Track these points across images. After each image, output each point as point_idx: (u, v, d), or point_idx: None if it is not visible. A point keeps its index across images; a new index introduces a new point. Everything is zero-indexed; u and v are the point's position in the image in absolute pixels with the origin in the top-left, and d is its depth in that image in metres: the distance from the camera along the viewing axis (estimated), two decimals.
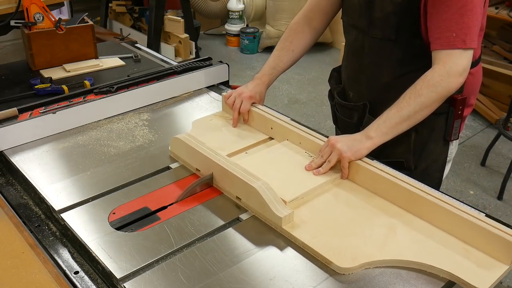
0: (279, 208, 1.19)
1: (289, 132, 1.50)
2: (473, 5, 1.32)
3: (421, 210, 1.21)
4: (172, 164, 1.44)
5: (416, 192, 1.22)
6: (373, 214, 1.24)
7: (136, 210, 1.25)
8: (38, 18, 1.98)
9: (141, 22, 4.88)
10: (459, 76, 1.35)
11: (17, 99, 1.79)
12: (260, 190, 1.20)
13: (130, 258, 1.09)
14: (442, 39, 1.35)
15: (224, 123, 1.63)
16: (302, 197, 1.28)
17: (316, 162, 1.37)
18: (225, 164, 1.29)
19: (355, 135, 1.38)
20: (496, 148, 3.52)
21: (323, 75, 4.78)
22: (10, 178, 1.42)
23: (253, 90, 1.62)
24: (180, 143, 1.42)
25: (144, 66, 2.12)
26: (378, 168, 1.30)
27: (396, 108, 1.36)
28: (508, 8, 3.80)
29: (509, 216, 2.98)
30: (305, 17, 1.70)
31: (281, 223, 1.17)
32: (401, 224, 1.20)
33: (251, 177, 1.24)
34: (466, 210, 1.16)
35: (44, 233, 1.21)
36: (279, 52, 1.70)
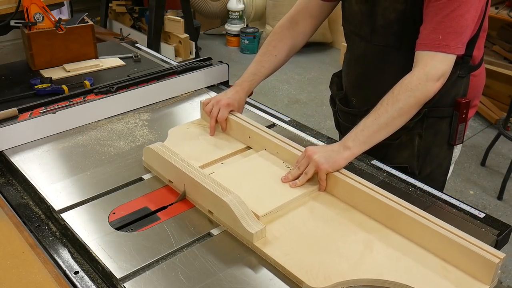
0: (251, 223, 1.13)
1: (267, 141, 1.44)
2: (465, 11, 1.29)
3: (399, 225, 1.16)
4: (145, 175, 1.40)
5: (394, 206, 1.16)
6: (349, 229, 1.18)
7: (136, 210, 1.25)
8: (38, 18, 1.98)
9: (141, 22, 4.88)
10: (437, 80, 1.32)
11: (17, 99, 1.79)
12: (231, 204, 1.14)
13: (130, 258, 1.09)
14: (427, 40, 1.32)
15: (202, 131, 1.57)
16: (276, 211, 1.22)
17: (292, 173, 1.31)
18: (196, 177, 1.23)
19: (332, 145, 1.34)
20: (496, 148, 3.52)
21: (323, 75, 4.78)
22: (10, 178, 1.42)
23: (231, 97, 1.56)
24: (152, 154, 1.37)
25: (144, 66, 2.12)
26: (356, 181, 1.25)
27: (373, 116, 1.32)
28: (508, 8, 3.80)
29: (509, 216, 2.98)
30: (291, 20, 1.64)
31: (253, 239, 1.11)
32: (377, 240, 1.14)
33: (223, 191, 1.18)
34: (444, 226, 1.10)
35: (44, 233, 1.21)
36: (261, 57, 1.63)
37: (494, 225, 1.23)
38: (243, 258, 1.11)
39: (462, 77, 1.47)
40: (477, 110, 3.88)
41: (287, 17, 1.65)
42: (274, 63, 1.63)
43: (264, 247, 1.11)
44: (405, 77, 1.33)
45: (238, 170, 1.38)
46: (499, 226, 1.22)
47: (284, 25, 1.64)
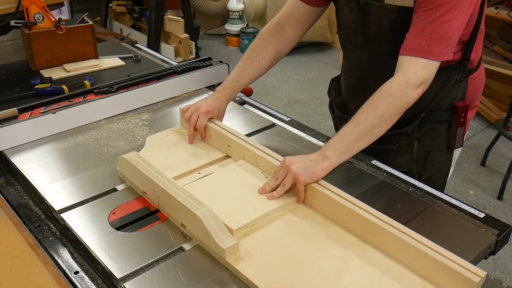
0: (223, 238, 1.08)
1: (246, 150, 1.39)
2: (451, 17, 1.26)
3: (378, 240, 1.12)
4: (119, 186, 1.35)
5: (373, 220, 1.12)
6: (326, 244, 1.13)
7: (136, 210, 1.25)
8: (38, 18, 1.98)
9: (141, 22, 4.88)
10: (417, 87, 1.28)
11: (17, 99, 1.79)
12: (203, 218, 1.09)
13: (130, 258, 1.09)
14: (410, 45, 1.29)
15: (180, 139, 1.52)
16: (251, 224, 1.17)
17: (270, 185, 1.27)
18: (169, 189, 1.18)
19: (311, 155, 1.29)
20: (496, 148, 3.52)
21: (323, 75, 4.78)
22: (10, 178, 1.42)
23: (211, 104, 1.51)
24: (126, 164, 1.32)
25: (144, 66, 2.12)
26: (334, 193, 1.20)
27: (353, 124, 1.28)
28: (508, 8, 3.80)
29: (509, 216, 2.98)
30: (277, 26, 1.59)
31: (225, 255, 1.07)
32: (355, 256, 1.10)
33: (195, 204, 1.13)
34: (425, 242, 1.05)
35: (44, 233, 1.21)
36: (244, 63, 1.58)
37: (494, 225, 1.23)
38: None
39: (460, 81, 1.46)
40: (477, 110, 3.90)
41: (273, 22, 1.60)
42: (257, 70, 1.58)
43: (236, 264, 1.06)
44: (385, 83, 1.30)
45: (214, 180, 1.33)
46: (499, 226, 1.22)
47: (270, 31, 1.59)
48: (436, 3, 1.26)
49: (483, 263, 2.64)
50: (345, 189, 1.35)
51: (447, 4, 1.25)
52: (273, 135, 1.62)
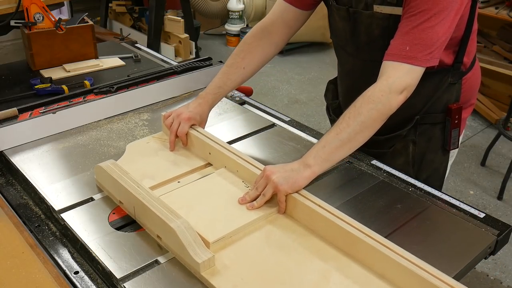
0: (199, 251, 1.04)
1: (227, 158, 1.35)
2: (436, 23, 1.24)
3: (359, 254, 1.08)
4: (96, 195, 1.31)
5: (354, 233, 1.08)
6: (306, 257, 1.09)
7: None
8: (38, 18, 1.98)
9: (141, 22, 4.88)
10: (400, 93, 1.25)
11: (17, 99, 1.79)
12: (178, 231, 1.05)
13: (130, 258, 1.09)
14: (394, 50, 1.27)
15: (161, 146, 1.48)
16: (229, 236, 1.13)
17: (250, 195, 1.23)
18: (145, 199, 1.15)
19: (292, 163, 1.25)
20: (496, 148, 3.52)
21: (323, 75, 4.78)
22: (10, 178, 1.42)
23: (193, 111, 1.48)
24: (102, 172, 1.29)
25: (144, 66, 2.12)
26: (316, 204, 1.16)
27: (335, 131, 1.25)
28: (508, 8, 3.80)
29: (509, 216, 2.98)
30: (265, 30, 1.55)
31: (200, 269, 1.03)
32: (335, 271, 1.06)
33: (171, 215, 1.09)
34: (407, 256, 1.02)
35: (44, 233, 1.21)
36: (228, 69, 1.54)
37: (494, 225, 1.23)
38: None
39: (453, 83, 1.46)
40: (477, 110, 3.91)
41: (260, 26, 1.56)
42: (242, 76, 1.55)
43: (211, 278, 1.02)
44: (368, 89, 1.27)
45: (194, 190, 1.29)
46: (499, 226, 1.22)
47: (256, 35, 1.55)
48: (421, 8, 1.24)
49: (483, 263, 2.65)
50: (345, 189, 1.36)
51: (432, 9, 1.23)
52: (273, 135, 1.62)
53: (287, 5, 1.52)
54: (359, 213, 1.27)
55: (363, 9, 1.39)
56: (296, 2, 1.52)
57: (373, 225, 1.22)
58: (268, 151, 1.53)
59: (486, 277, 2.50)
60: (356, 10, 1.40)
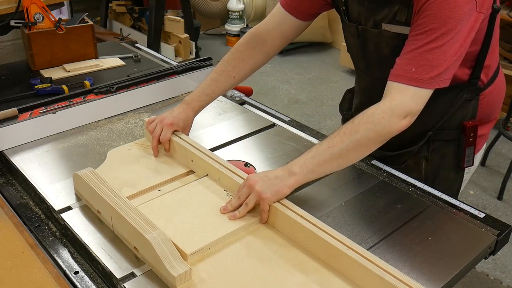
0: (175, 264, 1.01)
1: (209, 166, 1.32)
2: (444, 43, 1.17)
3: (341, 266, 1.04)
4: (75, 204, 1.28)
5: (336, 245, 1.04)
6: (286, 270, 1.06)
7: None
8: (38, 18, 1.98)
9: (141, 22, 4.88)
10: (403, 118, 1.19)
11: (17, 99, 1.79)
12: (154, 243, 1.02)
13: (130, 258, 1.09)
14: (400, 71, 1.21)
15: (143, 153, 1.44)
16: (208, 247, 1.10)
17: (232, 204, 1.19)
18: (121, 209, 1.11)
19: (276, 170, 1.21)
20: (496, 148, 3.52)
21: (323, 75, 4.78)
22: (10, 178, 1.42)
23: (177, 116, 1.44)
24: (80, 181, 1.25)
25: (144, 66, 2.12)
26: (298, 214, 1.13)
27: (327, 144, 1.20)
28: (508, 8, 3.80)
29: (509, 216, 2.98)
30: (258, 38, 1.51)
31: (175, 282, 0.99)
32: (316, 285, 1.02)
33: (147, 226, 1.06)
34: (389, 270, 0.98)
35: (44, 233, 1.21)
36: (218, 76, 1.50)
37: (494, 225, 1.23)
38: None
39: (470, 99, 1.40)
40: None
41: (254, 33, 1.52)
42: (230, 84, 1.52)
43: None
44: (370, 108, 1.22)
45: (174, 199, 1.26)
46: (499, 226, 1.22)
47: (249, 43, 1.51)
48: (428, 27, 1.18)
49: (483, 263, 2.65)
50: (345, 189, 1.36)
51: (440, 28, 1.17)
52: (273, 135, 1.62)
53: (286, 15, 1.48)
54: (359, 213, 1.27)
55: (371, 27, 1.35)
56: (297, 13, 1.48)
57: (373, 225, 1.22)
58: (268, 151, 1.53)
59: (486, 277, 2.50)
60: (364, 28, 1.37)
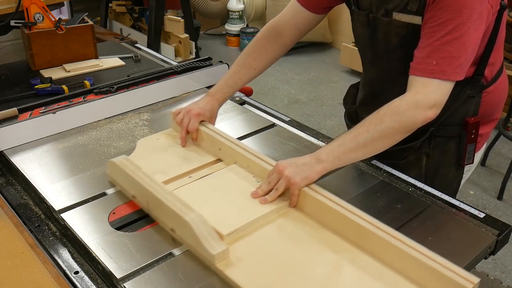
0: (213, 243, 1.06)
1: (237, 154, 1.37)
2: (462, 33, 1.20)
3: (370, 246, 1.09)
4: (109, 190, 1.33)
5: (365, 225, 1.09)
6: (318, 249, 1.11)
7: (136, 210, 1.25)
8: (38, 18, 1.98)
9: (141, 22, 4.88)
10: (429, 109, 1.23)
11: (17, 99, 1.79)
12: (193, 224, 1.07)
13: (130, 258, 1.09)
14: (422, 64, 1.24)
15: (171, 143, 1.50)
16: (242, 229, 1.15)
17: (263, 189, 1.24)
18: (159, 193, 1.17)
19: (304, 157, 1.26)
20: (496, 148, 3.52)
21: (323, 75, 4.78)
22: (10, 178, 1.42)
23: (203, 107, 1.49)
24: (116, 168, 1.31)
25: (144, 66, 2.12)
26: (327, 198, 1.18)
27: (353, 133, 1.25)
28: (508, 8, 3.80)
29: (509, 216, 2.98)
30: (275, 32, 1.56)
31: (214, 261, 1.05)
32: (347, 262, 1.07)
33: (185, 208, 1.11)
34: (418, 248, 1.03)
35: (44, 233, 1.21)
36: (239, 68, 1.56)
37: (494, 225, 1.23)
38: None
39: (473, 96, 1.41)
40: None
41: (271, 26, 1.58)
42: (251, 76, 1.57)
43: (226, 269, 1.04)
44: (394, 100, 1.25)
45: (205, 185, 1.31)
46: (499, 226, 1.22)
47: (267, 36, 1.57)
48: (443, 18, 1.20)
49: (483, 263, 2.65)
50: (345, 189, 1.36)
51: (456, 18, 1.19)
52: (273, 135, 1.62)
53: (300, 8, 1.53)
54: None
55: (382, 16, 1.37)
56: (310, 6, 1.51)
57: None
58: (268, 151, 1.53)
59: (486, 277, 2.50)
60: (375, 16, 1.39)
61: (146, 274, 1.06)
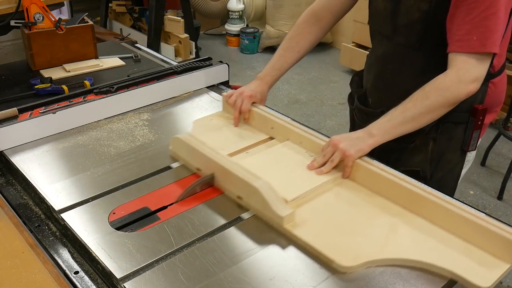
0: (281, 207, 1.18)
1: (290, 132, 1.50)
2: (497, 9, 1.28)
3: (422, 210, 1.21)
4: (173, 164, 1.44)
5: (416, 191, 1.22)
6: (374, 213, 1.23)
7: (136, 210, 1.25)
8: (38, 18, 1.98)
9: (141, 22, 4.88)
10: (471, 83, 1.31)
11: (17, 99, 1.79)
12: (262, 189, 1.20)
13: (130, 258, 1.09)
14: (462, 41, 1.31)
15: (225, 123, 1.62)
16: (303, 196, 1.27)
17: (318, 161, 1.36)
18: (226, 164, 1.29)
19: (356, 132, 1.37)
20: (496, 148, 3.52)
21: (323, 75, 4.78)
22: (10, 178, 1.42)
23: (254, 89, 1.61)
24: (180, 143, 1.43)
25: (144, 66, 2.12)
26: (378, 168, 1.30)
27: (401, 109, 1.35)
28: None
29: (509, 216, 2.98)
30: (314, 15, 1.67)
31: (283, 222, 1.16)
32: (402, 223, 1.19)
33: (253, 177, 1.23)
34: (466, 209, 1.16)
35: (44, 233, 1.21)
36: (284, 52, 1.67)
37: None
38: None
39: None
40: None
41: (310, 12, 1.67)
42: (296, 59, 1.67)
43: (293, 230, 1.16)
44: (437, 77, 1.33)
45: (262, 159, 1.43)
46: None
47: (309, 21, 1.67)
48: None
49: None
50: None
51: None
52: None
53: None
54: None
55: None
56: None
57: None
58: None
59: None
60: None
61: (146, 274, 1.06)
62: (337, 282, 1.05)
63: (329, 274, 1.07)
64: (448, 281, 1.06)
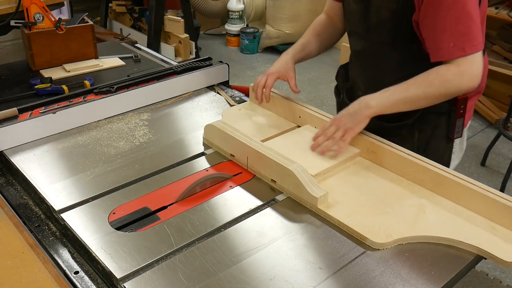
0: (314, 189, 1.25)
1: (318, 120, 1.56)
2: (466, 12, 1.31)
3: (448, 192, 1.28)
4: (207, 150, 1.51)
5: (443, 174, 1.28)
6: (402, 195, 1.30)
7: (136, 210, 1.25)
8: (38, 18, 1.98)
9: (141, 22, 4.88)
10: (474, 79, 1.36)
11: (17, 99, 1.79)
12: (296, 172, 1.26)
13: (130, 258, 1.09)
14: (441, 50, 1.35)
15: (253, 113, 1.70)
16: (328, 171, 1.37)
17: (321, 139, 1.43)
18: (260, 149, 1.36)
19: (352, 106, 1.42)
20: (496, 148, 3.52)
21: (323, 75, 4.78)
22: (10, 178, 1.42)
23: (276, 65, 1.66)
24: (214, 130, 1.49)
25: (144, 66, 2.12)
26: (405, 153, 1.37)
27: (404, 87, 1.38)
28: (508, 8, 3.80)
29: None
30: (329, 18, 1.73)
31: (317, 203, 1.23)
32: (430, 204, 1.26)
33: (287, 160, 1.30)
34: (491, 190, 1.22)
35: (44, 233, 1.21)
36: (310, 37, 1.71)
37: None
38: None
39: None
40: (477, 110, 3.90)
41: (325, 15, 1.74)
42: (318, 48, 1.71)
43: (327, 210, 1.23)
44: (440, 66, 1.36)
45: (293, 141, 1.51)
46: None
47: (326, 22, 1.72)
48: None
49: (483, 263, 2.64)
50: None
51: None
52: None
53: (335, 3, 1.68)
54: None
55: None
56: None
57: None
58: None
59: (486, 276, 2.50)
60: None
61: (146, 274, 1.06)
62: (337, 282, 1.06)
63: (329, 274, 1.07)
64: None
